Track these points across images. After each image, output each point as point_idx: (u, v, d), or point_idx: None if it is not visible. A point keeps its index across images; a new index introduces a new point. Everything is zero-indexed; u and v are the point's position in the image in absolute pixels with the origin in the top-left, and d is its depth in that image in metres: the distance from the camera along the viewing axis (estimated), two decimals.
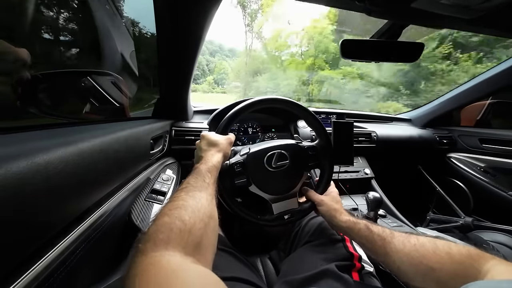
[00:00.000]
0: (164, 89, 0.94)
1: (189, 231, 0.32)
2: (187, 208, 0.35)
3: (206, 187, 0.44)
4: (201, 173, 0.47)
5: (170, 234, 0.30)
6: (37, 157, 0.31)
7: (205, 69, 15.70)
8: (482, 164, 1.37)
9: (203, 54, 40.20)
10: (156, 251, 0.28)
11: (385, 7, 0.56)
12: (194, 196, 0.39)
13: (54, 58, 0.68)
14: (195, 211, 0.35)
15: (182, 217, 0.33)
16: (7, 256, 0.28)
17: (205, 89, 12.50)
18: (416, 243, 0.43)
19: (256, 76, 9.42)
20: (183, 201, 0.37)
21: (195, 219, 0.34)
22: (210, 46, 17.01)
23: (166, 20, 0.69)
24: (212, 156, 0.54)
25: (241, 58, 12.30)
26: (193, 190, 0.41)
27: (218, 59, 15.98)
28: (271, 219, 0.65)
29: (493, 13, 0.52)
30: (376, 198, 0.91)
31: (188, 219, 0.33)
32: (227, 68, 14.57)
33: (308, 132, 1.25)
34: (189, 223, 0.33)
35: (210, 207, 0.39)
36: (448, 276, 0.36)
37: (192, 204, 0.37)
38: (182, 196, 0.38)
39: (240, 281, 0.52)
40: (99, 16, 0.80)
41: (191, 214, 0.34)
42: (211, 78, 14.26)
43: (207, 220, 0.36)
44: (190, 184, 0.43)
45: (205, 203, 0.39)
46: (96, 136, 0.47)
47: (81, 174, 0.39)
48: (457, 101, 1.42)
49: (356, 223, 0.54)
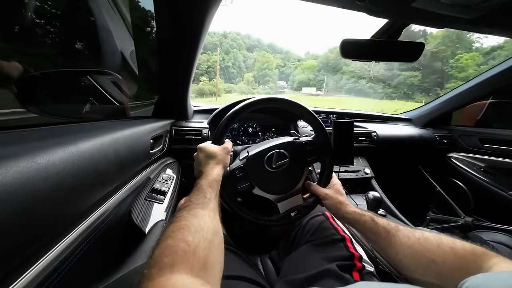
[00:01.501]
0: (164, 89, 0.94)
1: (193, 252, 0.31)
2: (190, 228, 0.35)
3: (207, 202, 0.44)
4: (202, 189, 0.47)
5: (174, 257, 0.30)
6: (37, 156, 0.31)
7: (242, 66, 15.11)
8: (482, 164, 1.37)
9: (239, 49, 38.44)
10: (162, 276, 0.28)
11: (385, 6, 0.56)
12: (197, 214, 0.39)
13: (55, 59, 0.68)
14: (198, 230, 0.35)
15: (185, 238, 0.33)
16: (7, 256, 0.28)
17: (243, 89, 11.97)
18: (420, 237, 0.43)
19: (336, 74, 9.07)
20: (186, 221, 0.37)
21: (199, 238, 0.34)
22: (248, 40, 16.48)
23: (166, 20, 0.69)
24: (212, 170, 0.54)
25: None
26: (195, 208, 0.41)
27: (257, 54, 15.45)
28: (278, 218, 0.65)
29: (494, 13, 0.52)
30: (376, 198, 0.91)
31: (192, 239, 0.33)
32: (271, 62, 13.88)
33: (309, 131, 1.25)
34: (193, 243, 0.32)
35: (213, 223, 0.39)
36: (450, 270, 0.36)
37: (195, 223, 0.37)
38: (185, 216, 0.38)
39: (244, 279, 0.52)
40: (99, 16, 0.80)
41: (194, 234, 0.34)
42: (250, 75, 13.78)
43: (211, 237, 0.36)
44: (192, 202, 0.43)
45: (208, 220, 0.39)
46: (96, 135, 0.47)
47: (81, 174, 0.39)
48: (457, 101, 1.42)
49: (361, 215, 0.54)
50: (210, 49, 55.32)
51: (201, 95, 38.38)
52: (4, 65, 0.45)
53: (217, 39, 57.93)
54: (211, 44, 56.42)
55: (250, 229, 1.05)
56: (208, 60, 51.87)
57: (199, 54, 0.81)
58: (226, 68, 52.93)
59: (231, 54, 54.17)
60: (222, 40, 57.15)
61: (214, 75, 45.96)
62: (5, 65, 0.45)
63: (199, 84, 42.96)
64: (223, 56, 53.89)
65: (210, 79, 44.48)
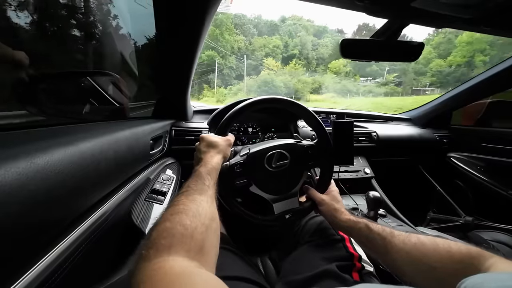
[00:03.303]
0: (164, 89, 0.94)
1: (191, 236, 0.32)
2: (188, 212, 0.35)
3: (206, 189, 0.44)
4: (201, 175, 0.47)
5: (172, 239, 0.30)
6: (37, 157, 0.31)
7: (310, 56, 9.48)
8: (482, 163, 1.37)
9: (308, 33, 25.44)
10: (159, 257, 0.28)
11: (385, 6, 0.56)
12: (195, 199, 0.39)
13: (55, 59, 0.68)
14: (196, 215, 0.35)
15: (183, 222, 0.33)
16: (7, 257, 0.28)
17: (346, 84, 5.12)
18: (416, 242, 0.43)
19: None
20: (184, 205, 0.37)
21: (196, 223, 0.34)
22: (313, 24, 12.39)
23: (166, 20, 0.69)
24: (211, 158, 0.54)
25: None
26: (193, 193, 0.41)
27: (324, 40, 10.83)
28: (272, 219, 0.65)
29: (493, 13, 0.52)
30: (376, 198, 0.91)
31: (189, 223, 0.33)
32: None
33: (308, 131, 1.25)
34: (190, 227, 0.33)
35: (211, 209, 0.40)
36: (448, 274, 0.36)
37: (192, 208, 0.37)
38: (183, 200, 0.38)
39: (244, 280, 0.52)
40: (99, 16, 0.80)
41: (192, 219, 0.34)
42: (339, 62, 6.54)
43: (208, 223, 0.36)
44: (190, 187, 0.43)
45: (205, 205, 0.39)
46: (96, 136, 0.47)
47: (81, 174, 0.39)
48: (457, 100, 1.42)
49: (356, 223, 0.54)
50: (267, 33, 42.25)
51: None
52: (14, 53, 0.46)
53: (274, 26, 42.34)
54: (267, 27, 41.75)
55: (250, 229, 1.05)
56: (266, 45, 38.53)
57: (199, 54, 0.81)
58: (301, 55, 36.30)
59: (296, 39, 38.78)
60: (281, 25, 42.42)
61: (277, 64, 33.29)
62: (15, 53, 0.46)
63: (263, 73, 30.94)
64: (287, 40, 38.79)
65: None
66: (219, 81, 30.18)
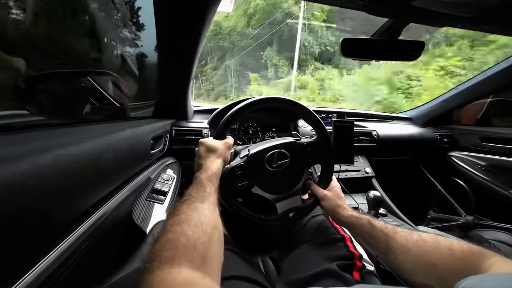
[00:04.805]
0: (164, 89, 0.94)
1: (193, 247, 0.32)
2: (190, 222, 0.35)
3: (207, 196, 0.44)
4: (202, 182, 0.47)
5: (175, 251, 0.30)
6: (38, 158, 0.31)
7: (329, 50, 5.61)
8: (483, 162, 1.37)
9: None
10: (162, 269, 0.28)
11: (385, 5, 0.56)
12: (197, 208, 0.39)
13: (55, 59, 0.68)
14: (198, 224, 0.35)
15: (185, 233, 0.33)
16: (7, 257, 0.29)
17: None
18: (418, 239, 0.43)
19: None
20: (186, 214, 0.37)
21: (198, 233, 0.34)
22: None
23: (166, 19, 0.69)
24: (211, 163, 0.54)
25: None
26: (194, 201, 0.41)
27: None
28: (276, 218, 0.65)
29: (494, 11, 0.52)
30: (377, 197, 0.91)
31: (191, 234, 0.33)
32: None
33: (309, 131, 1.25)
34: (193, 238, 0.33)
35: (213, 216, 0.39)
36: (449, 272, 0.36)
37: (194, 217, 0.37)
38: (184, 210, 0.38)
39: (245, 279, 0.52)
40: (99, 17, 0.80)
41: (194, 229, 0.34)
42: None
43: (211, 231, 0.36)
44: (191, 195, 0.43)
45: (207, 214, 0.39)
46: (97, 136, 0.47)
47: (82, 175, 0.39)
48: (458, 99, 1.42)
49: (358, 219, 0.54)
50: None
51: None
52: (12, 60, 0.45)
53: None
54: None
55: (251, 229, 1.05)
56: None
57: (199, 54, 0.81)
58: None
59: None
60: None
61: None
62: (13, 60, 0.45)
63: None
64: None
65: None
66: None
